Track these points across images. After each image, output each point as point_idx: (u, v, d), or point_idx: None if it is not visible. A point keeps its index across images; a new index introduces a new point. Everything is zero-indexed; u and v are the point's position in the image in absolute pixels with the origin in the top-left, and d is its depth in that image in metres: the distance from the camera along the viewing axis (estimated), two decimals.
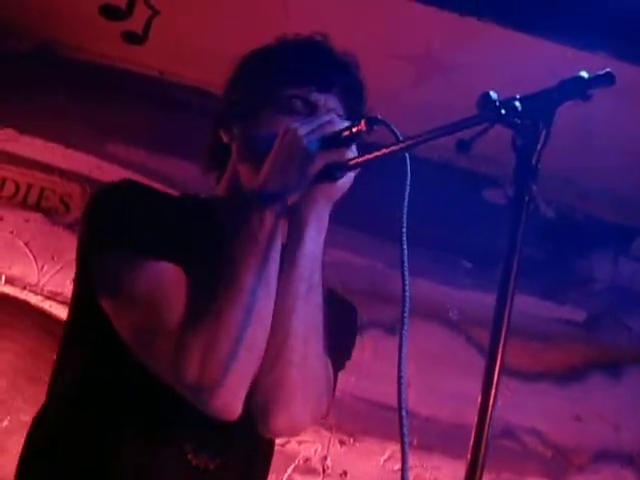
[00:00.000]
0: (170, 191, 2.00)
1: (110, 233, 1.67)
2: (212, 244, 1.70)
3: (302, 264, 1.68)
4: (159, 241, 1.64)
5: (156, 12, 3.63)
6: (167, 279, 1.61)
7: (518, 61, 3.32)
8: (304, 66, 1.87)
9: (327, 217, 1.73)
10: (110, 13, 3.68)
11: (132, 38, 3.82)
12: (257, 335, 1.61)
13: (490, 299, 1.22)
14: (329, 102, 1.84)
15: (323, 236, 1.73)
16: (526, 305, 3.94)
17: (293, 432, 1.83)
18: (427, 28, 3.42)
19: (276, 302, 1.65)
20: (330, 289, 1.84)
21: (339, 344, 1.85)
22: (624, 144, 3.74)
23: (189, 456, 1.71)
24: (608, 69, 1.21)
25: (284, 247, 1.70)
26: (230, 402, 1.59)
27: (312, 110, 1.81)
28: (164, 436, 1.69)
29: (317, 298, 1.70)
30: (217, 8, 3.55)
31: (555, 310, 4.06)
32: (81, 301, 1.80)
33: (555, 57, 3.19)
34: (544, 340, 3.98)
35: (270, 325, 1.64)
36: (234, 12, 3.54)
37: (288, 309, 1.66)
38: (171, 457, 1.69)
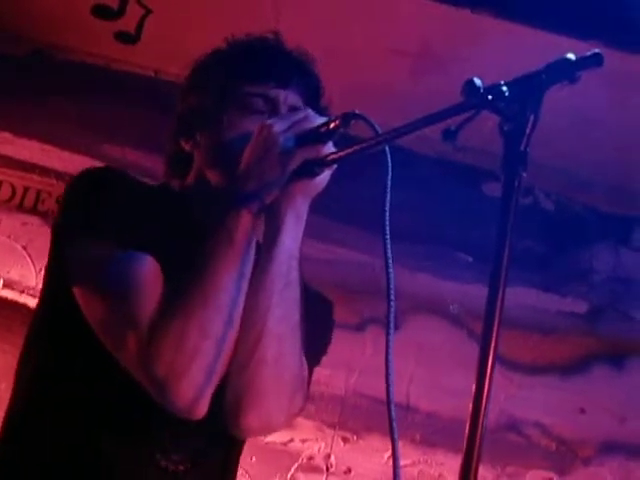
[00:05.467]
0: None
1: (89, 219, 1.66)
2: (186, 238, 1.70)
3: (279, 260, 1.67)
4: (136, 231, 1.64)
5: (149, 11, 3.62)
6: (143, 272, 1.60)
7: (514, 52, 3.30)
8: (261, 62, 1.87)
9: (305, 214, 1.72)
10: (102, 13, 3.66)
11: (125, 38, 3.80)
12: (228, 333, 1.60)
13: None
14: (289, 98, 1.84)
15: (301, 233, 1.71)
16: (527, 298, 3.93)
17: (265, 431, 1.82)
18: (422, 21, 3.41)
19: (251, 299, 1.64)
20: (304, 284, 1.83)
21: (315, 340, 1.83)
22: (622, 134, 3.72)
23: (157, 457, 1.69)
24: (597, 50, 1.19)
25: (259, 245, 1.70)
26: (195, 399, 1.57)
27: (273, 107, 1.82)
28: (132, 437, 1.68)
29: (294, 295, 1.69)
30: (210, 6, 3.54)
31: (557, 302, 4.05)
32: (52, 290, 1.78)
33: (551, 48, 3.17)
34: (546, 333, 3.97)
35: (241, 323, 1.62)
36: (227, 10, 3.52)
37: (263, 306, 1.65)
38: (139, 458, 1.68)
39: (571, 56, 1.21)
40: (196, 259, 1.62)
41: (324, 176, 1.69)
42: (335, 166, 1.67)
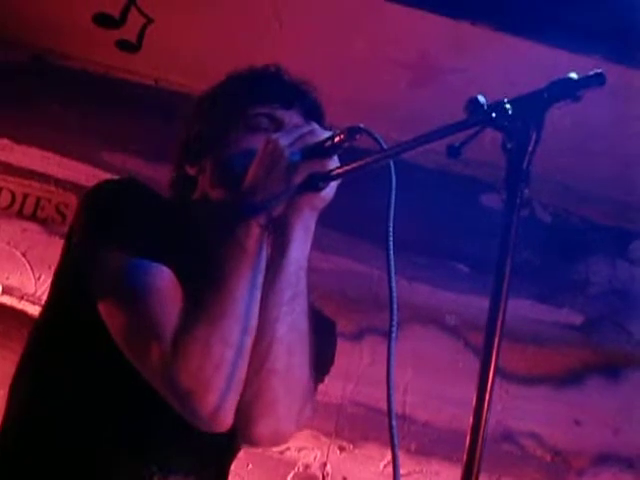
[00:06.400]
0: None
1: (110, 231, 1.66)
2: (200, 249, 1.71)
3: (288, 271, 1.68)
4: (157, 243, 1.64)
5: (150, 20, 3.63)
6: (164, 284, 1.60)
7: (514, 66, 3.32)
8: (265, 85, 1.91)
9: (313, 226, 1.73)
10: (104, 22, 3.68)
11: (126, 46, 3.82)
12: (247, 342, 1.60)
13: (488, 304, 1.21)
14: (293, 118, 1.87)
15: (309, 245, 1.72)
16: (523, 309, 3.94)
17: (276, 442, 1.80)
18: (422, 34, 3.42)
19: (261, 310, 1.64)
20: (310, 303, 1.84)
21: (319, 358, 1.82)
22: (619, 147, 3.74)
23: (155, 477, 1.67)
24: (599, 70, 1.21)
25: (268, 257, 1.70)
26: (221, 410, 1.57)
27: (278, 126, 1.84)
28: (130, 453, 1.67)
29: (302, 306, 1.70)
30: (211, 15, 3.55)
31: (553, 314, 4.06)
32: (64, 300, 1.77)
33: (551, 61, 3.19)
34: (542, 344, 3.98)
35: (255, 333, 1.63)
36: (228, 19, 3.54)
37: (272, 317, 1.65)
38: (137, 476, 1.67)
39: (574, 75, 1.22)
40: (209, 271, 1.63)
41: (331, 189, 1.70)
42: (340, 180, 1.68)
